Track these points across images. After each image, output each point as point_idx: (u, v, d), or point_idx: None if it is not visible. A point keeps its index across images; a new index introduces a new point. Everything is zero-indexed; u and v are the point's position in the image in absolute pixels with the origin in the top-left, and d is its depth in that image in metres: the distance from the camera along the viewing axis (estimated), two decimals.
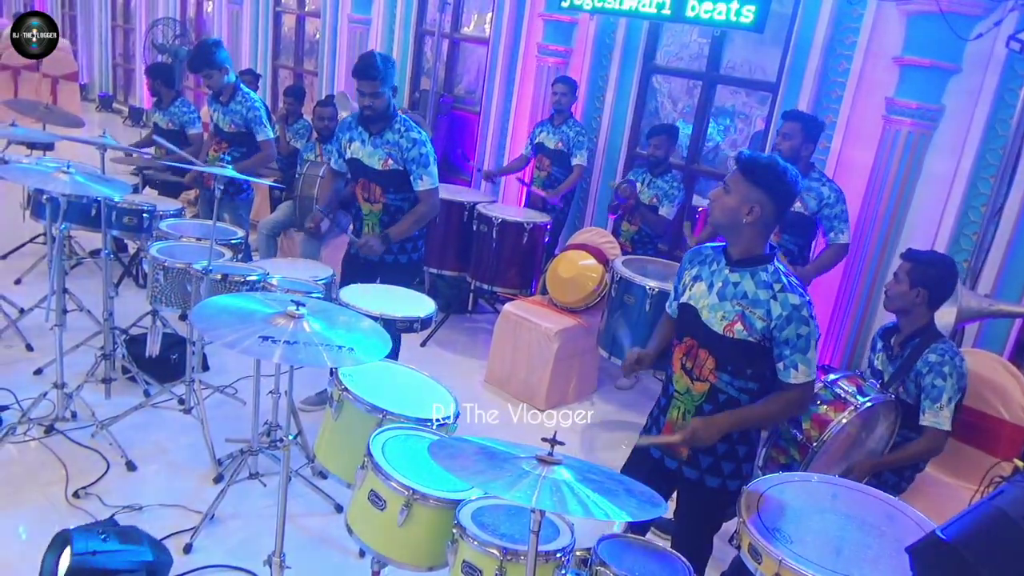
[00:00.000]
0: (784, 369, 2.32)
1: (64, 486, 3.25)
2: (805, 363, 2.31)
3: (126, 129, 11.32)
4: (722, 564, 3.19)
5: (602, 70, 5.83)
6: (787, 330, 2.27)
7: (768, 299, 2.28)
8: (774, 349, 2.32)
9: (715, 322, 2.34)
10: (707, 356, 2.37)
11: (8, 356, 4.25)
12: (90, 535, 2.52)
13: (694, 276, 2.46)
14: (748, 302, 2.30)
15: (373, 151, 3.73)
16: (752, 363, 2.35)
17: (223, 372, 4.40)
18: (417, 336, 5.11)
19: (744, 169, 2.27)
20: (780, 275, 2.32)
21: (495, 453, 1.74)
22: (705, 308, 2.37)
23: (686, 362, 2.44)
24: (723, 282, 2.36)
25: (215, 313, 2.10)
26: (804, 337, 2.29)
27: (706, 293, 2.39)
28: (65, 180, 3.10)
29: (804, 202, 4.02)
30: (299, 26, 9.19)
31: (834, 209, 4.00)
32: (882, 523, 2.22)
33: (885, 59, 4.33)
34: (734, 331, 2.31)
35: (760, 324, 2.28)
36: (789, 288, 2.29)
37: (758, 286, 2.30)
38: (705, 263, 2.46)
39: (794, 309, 2.26)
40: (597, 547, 2.01)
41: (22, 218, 5.14)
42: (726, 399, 2.39)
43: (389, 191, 3.77)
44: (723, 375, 2.37)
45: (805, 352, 2.30)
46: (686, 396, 2.45)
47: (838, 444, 2.94)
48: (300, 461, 3.59)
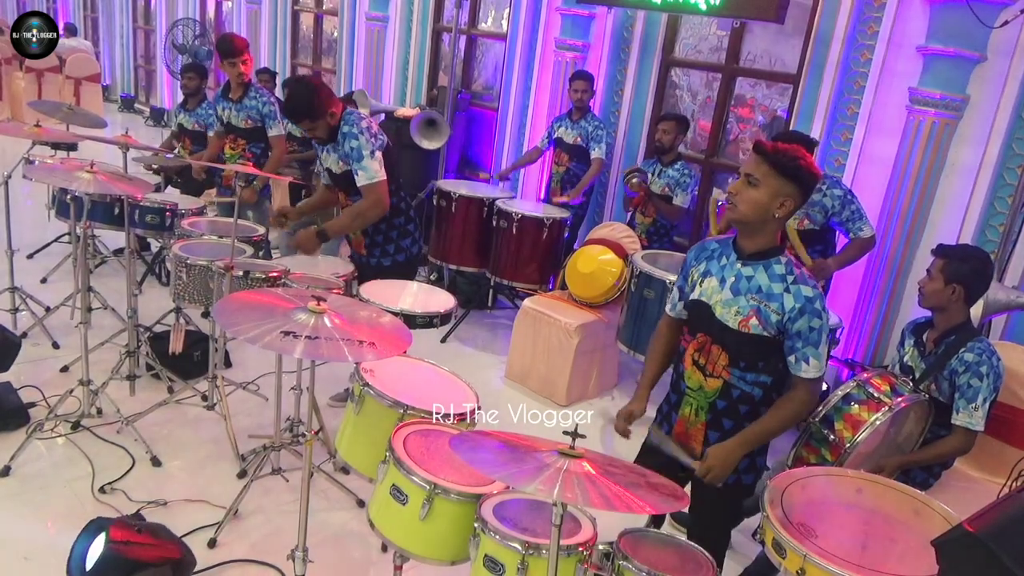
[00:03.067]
0: (796, 362, 2.30)
1: (90, 482, 3.29)
2: (817, 356, 2.29)
3: (148, 129, 11.44)
4: (746, 559, 3.18)
5: (620, 64, 5.81)
6: (800, 322, 2.24)
7: (782, 292, 2.25)
8: (786, 342, 2.29)
9: (729, 317, 2.31)
10: (720, 352, 2.34)
11: (35, 354, 4.30)
12: (124, 526, 2.57)
13: (703, 272, 2.41)
14: (763, 296, 2.26)
15: (330, 155, 3.73)
16: (765, 357, 2.33)
17: (246, 368, 4.44)
18: (438, 332, 5.12)
19: (774, 162, 2.19)
20: (792, 267, 2.30)
21: (516, 447, 1.74)
22: (719, 304, 2.33)
23: (699, 358, 2.40)
24: (736, 276, 2.32)
25: (237, 308, 2.11)
26: (817, 330, 2.26)
27: (718, 288, 2.34)
28: (89, 179, 3.13)
29: (812, 218, 3.98)
30: (317, 25, 9.23)
31: (843, 213, 3.96)
32: (908, 517, 2.20)
33: (908, 49, 4.27)
34: (749, 326, 2.27)
35: (775, 318, 2.25)
36: (802, 280, 2.27)
37: (772, 279, 2.27)
38: (713, 258, 2.41)
39: (807, 301, 2.23)
40: (619, 540, 2.00)
41: (47, 218, 5.20)
42: (739, 394, 2.37)
43: (351, 195, 3.75)
44: (736, 371, 2.34)
45: (817, 345, 2.27)
46: (699, 393, 2.42)
47: (869, 443, 2.91)
48: (322, 457, 3.61)
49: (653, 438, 2.56)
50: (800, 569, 1.94)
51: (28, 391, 3.81)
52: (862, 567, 1.91)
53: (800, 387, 2.32)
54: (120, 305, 4.33)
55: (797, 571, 1.95)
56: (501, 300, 6.06)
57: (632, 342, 4.23)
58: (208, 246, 3.90)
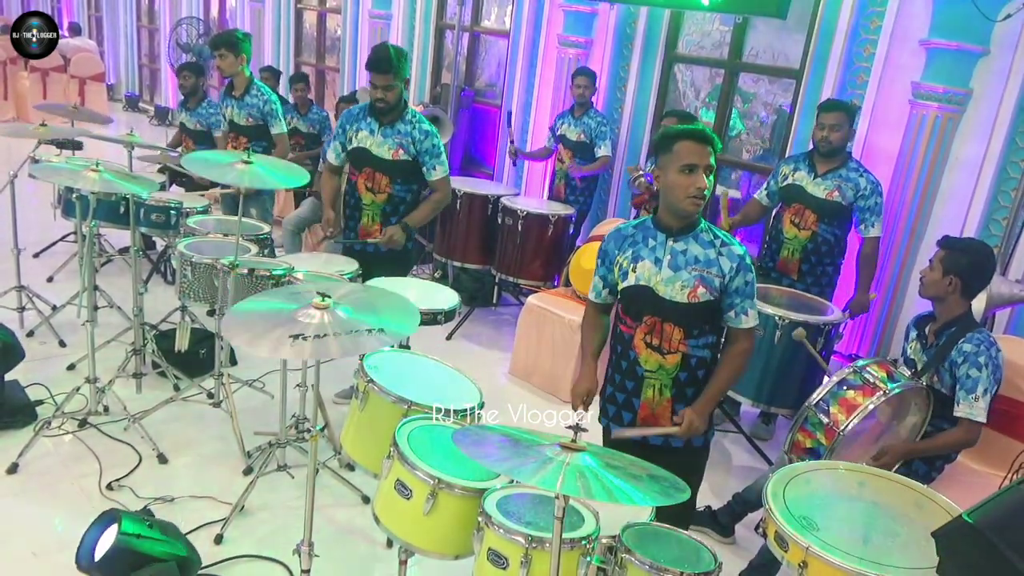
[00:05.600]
0: (735, 316, 2.45)
1: (98, 478, 3.31)
2: (753, 307, 2.47)
3: (152, 128, 11.47)
4: (749, 553, 3.19)
5: (623, 60, 5.81)
6: (737, 279, 2.40)
7: (716, 256, 2.40)
8: (724, 300, 2.43)
9: (675, 293, 2.41)
10: (673, 328, 2.44)
11: (42, 352, 4.33)
12: (137, 519, 2.60)
13: (632, 258, 2.48)
14: (702, 264, 2.40)
15: (383, 141, 3.77)
16: (711, 319, 2.47)
17: (251, 366, 4.46)
18: (443, 329, 5.14)
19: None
20: (713, 230, 2.45)
21: (519, 440, 1.75)
22: (660, 284, 2.42)
23: (651, 340, 2.47)
24: (671, 254, 2.42)
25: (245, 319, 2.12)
26: (750, 284, 2.43)
27: (656, 270, 2.43)
28: (94, 178, 3.15)
29: (842, 192, 3.98)
30: (320, 22, 9.24)
31: (868, 201, 3.96)
32: (911, 510, 2.21)
33: (911, 43, 4.26)
34: (698, 295, 2.40)
35: (717, 281, 2.40)
36: (728, 241, 2.43)
37: (704, 246, 2.41)
38: (638, 242, 2.49)
39: (739, 259, 2.40)
40: (622, 534, 2.01)
41: (53, 217, 5.23)
42: (696, 361, 2.49)
43: (396, 181, 3.82)
44: (691, 341, 2.46)
45: (752, 297, 2.45)
46: (659, 372, 2.49)
47: (868, 431, 2.92)
48: (328, 453, 3.63)
49: (615, 436, 2.58)
50: (802, 562, 1.96)
51: (35, 389, 3.84)
52: (864, 559, 1.92)
53: (743, 337, 2.49)
54: (126, 303, 4.35)
55: (799, 564, 1.96)
56: (506, 297, 6.07)
57: None
58: (213, 244, 3.91)
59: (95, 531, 2.56)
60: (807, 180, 4.08)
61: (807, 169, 4.09)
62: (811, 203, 4.05)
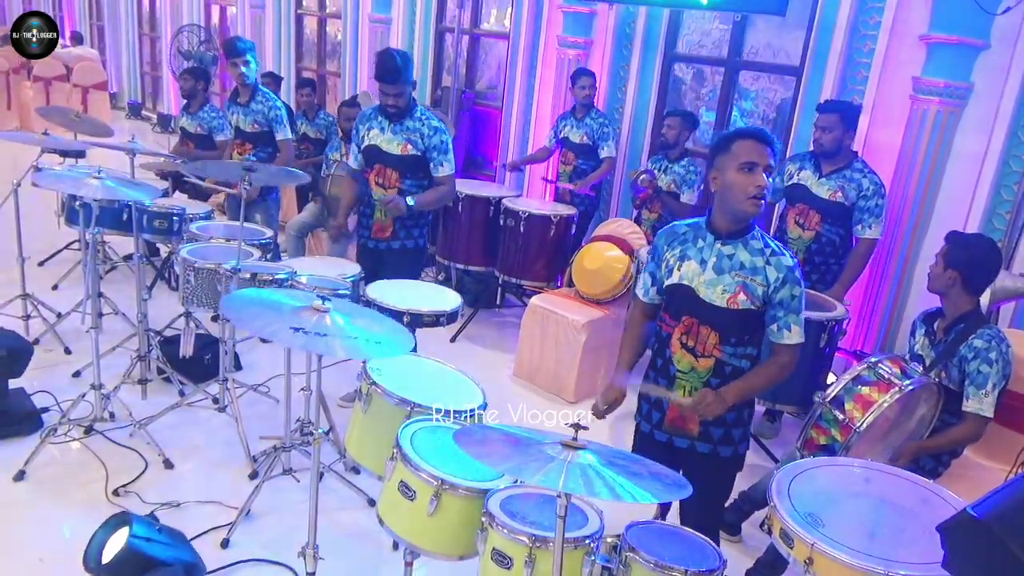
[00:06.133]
0: (777, 331, 2.39)
1: (104, 484, 3.32)
2: (798, 323, 2.39)
3: (155, 135, 11.49)
4: (756, 551, 3.18)
5: (623, 60, 5.81)
6: (783, 291, 2.34)
7: (763, 265, 2.35)
8: (768, 312, 2.37)
9: (715, 297, 2.37)
10: (709, 332, 2.40)
11: (48, 359, 4.34)
12: (147, 523, 2.61)
13: (679, 256, 2.45)
14: (747, 272, 2.35)
15: (392, 137, 3.84)
16: (752, 331, 2.41)
17: (256, 371, 4.47)
18: (447, 331, 5.14)
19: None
20: (766, 239, 2.40)
21: (520, 439, 1.75)
22: (702, 285, 2.39)
23: (687, 341, 2.44)
24: (717, 256, 2.38)
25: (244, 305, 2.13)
26: (797, 298, 2.36)
27: (700, 271, 2.40)
28: (96, 185, 3.16)
29: (845, 192, 3.98)
30: (321, 28, 9.26)
31: (869, 202, 3.95)
32: (917, 506, 2.19)
33: (911, 38, 4.25)
34: (738, 302, 2.35)
35: (760, 290, 2.34)
36: (779, 252, 2.38)
37: (752, 254, 2.36)
38: (688, 241, 2.46)
39: (788, 271, 2.34)
40: (626, 533, 2.01)
41: (57, 225, 5.25)
42: (732, 370, 2.43)
43: (406, 176, 3.88)
44: (727, 347, 2.41)
45: (798, 312, 2.38)
46: (691, 374, 2.46)
47: (879, 426, 2.91)
48: (333, 457, 3.63)
49: (644, 389, 2.58)
50: (808, 558, 1.95)
51: (41, 396, 3.86)
52: (871, 556, 1.91)
53: (783, 352, 2.42)
54: (131, 310, 4.36)
55: (805, 560, 1.96)
56: (509, 298, 6.07)
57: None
58: (216, 249, 3.92)
59: (103, 533, 2.57)
60: (812, 180, 4.07)
61: (812, 168, 4.08)
62: (815, 203, 4.04)
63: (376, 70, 3.78)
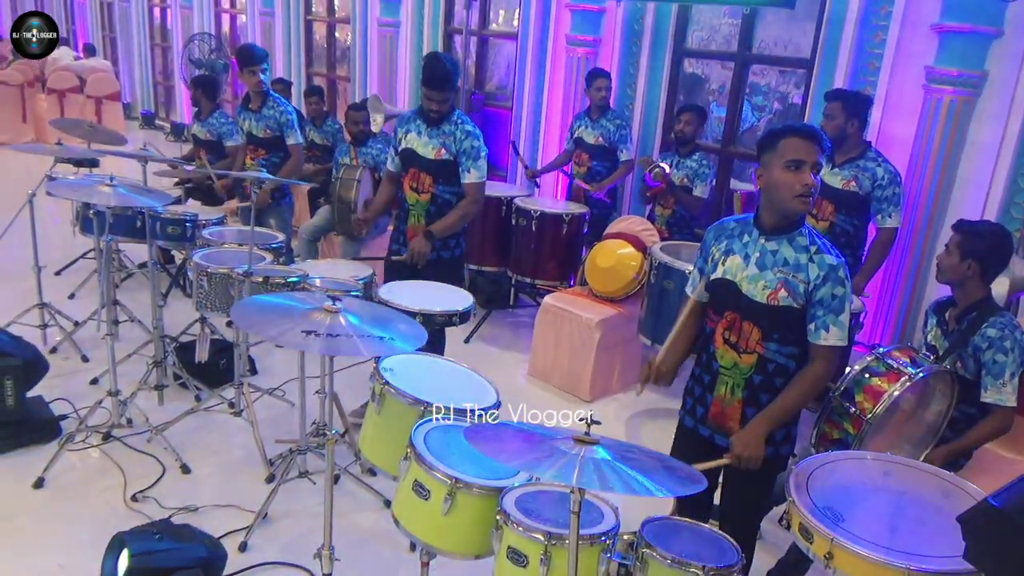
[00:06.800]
0: (815, 330, 2.32)
1: (122, 490, 3.34)
2: (838, 325, 2.31)
3: (168, 144, 11.57)
4: (774, 548, 3.16)
5: (632, 57, 5.79)
6: (823, 290, 2.28)
7: (807, 262, 2.30)
8: (808, 310, 2.32)
9: (757, 292, 2.34)
10: (751, 328, 2.37)
11: (65, 367, 4.38)
12: (145, 537, 2.59)
13: (725, 251, 2.44)
14: (790, 268, 2.31)
15: (428, 141, 3.77)
16: (796, 328, 2.35)
17: (271, 375, 4.48)
18: (461, 332, 5.14)
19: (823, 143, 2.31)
20: (814, 237, 2.35)
21: (532, 435, 1.74)
22: (744, 280, 2.37)
23: (729, 336, 2.42)
24: (760, 252, 2.36)
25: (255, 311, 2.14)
26: (839, 298, 2.30)
27: (743, 265, 2.38)
28: (109, 192, 3.18)
29: (859, 182, 3.94)
30: (330, 33, 9.30)
31: (886, 191, 3.91)
32: (939, 499, 2.17)
33: (923, 27, 4.21)
34: (778, 298, 2.31)
35: (802, 287, 2.30)
36: (825, 249, 2.32)
37: (796, 251, 2.32)
38: (734, 236, 2.45)
39: (831, 269, 2.28)
40: (643, 529, 1.99)
41: (73, 234, 5.29)
42: (775, 367, 2.39)
43: (439, 181, 3.80)
44: (770, 344, 2.37)
45: (839, 314, 2.30)
46: (734, 370, 2.43)
47: (894, 419, 2.87)
48: (349, 459, 3.64)
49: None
50: (828, 553, 1.93)
51: (59, 404, 3.88)
52: (892, 549, 1.89)
53: (819, 357, 2.35)
54: (147, 317, 4.39)
55: (825, 555, 1.94)
56: (523, 298, 6.06)
57: (653, 334, 4.21)
58: (229, 254, 3.94)
59: (109, 561, 2.56)
60: (824, 170, 4.03)
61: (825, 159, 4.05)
62: (828, 193, 4.01)
63: (424, 75, 3.68)
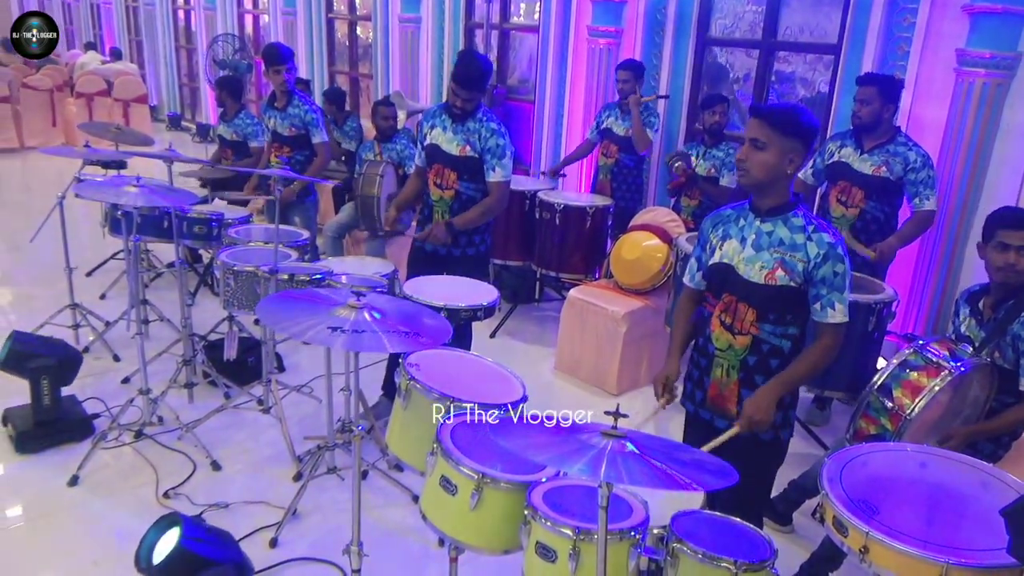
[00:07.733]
0: (821, 309, 2.35)
1: (154, 487, 3.38)
2: (842, 301, 2.34)
3: (195, 145, 11.70)
4: (807, 542, 3.11)
5: (655, 47, 5.73)
6: (824, 268, 2.30)
7: (804, 241, 2.32)
8: (810, 290, 2.35)
9: (753, 273, 2.37)
10: (747, 309, 2.40)
11: (97, 367, 4.44)
12: (197, 524, 2.65)
13: (721, 236, 2.48)
14: (786, 248, 2.34)
15: (453, 137, 3.75)
16: (792, 309, 2.38)
17: (299, 372, 4.51)
18: (487, 327, 5.13)
19: (775, 123, 2.28)
20: (809, 218, 2.37)
21: (559, 429, 1.72)
22: (741, 262, 2.40)
23: (725, 318, 2.45)
24: (756, 233, 2.39)
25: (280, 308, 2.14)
26: (840, 275, 2.32)
27: (739, 248, 2.41)
28: (135, 192, 3.21)
29: (890, 167, 3.88)
30: (351, 31, 9.33)
31: (919, 174, 3.84)
32: (977, 491, 2.11)
33: (953, 8, 4.12)
34: (776, 278, 2.33)
35: (800, 266, 2.32)
36: (821, 228, 2.34)
37: (792, 231, 2.35)
38: (730, 221, 2.49)
39: (830, 247, 2.30)
40: (673, 523, 1.97)
41: (103, 236, 5.36)
42: (769, 348, 2.42)
43: (463, 178, 3.78)
44: (765, 325, 2.40)
45: (841, 290, 2.33)
46: (728, 352, 2.46)
47: (931, 412, 2.81)
48: (376, 455, 3.64)
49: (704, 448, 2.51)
50: (863, 547, 1.89)
51: (92, 403, 3.93)
52: (929, 542, 1.84)
53: (826, 333, 2.38)
54: (175, 316, 4.43)
55: (860, 548, 1.90)
56: (548, 292, 6.04)
57: None
58: (255, 252, 3.96)
59: (154, 534, 2.60)
60: (854, 156, 3.97)
61: (854, 145, 3.99)
62: (857, 180, 3.94)
63: (456, 70, 3.66)
